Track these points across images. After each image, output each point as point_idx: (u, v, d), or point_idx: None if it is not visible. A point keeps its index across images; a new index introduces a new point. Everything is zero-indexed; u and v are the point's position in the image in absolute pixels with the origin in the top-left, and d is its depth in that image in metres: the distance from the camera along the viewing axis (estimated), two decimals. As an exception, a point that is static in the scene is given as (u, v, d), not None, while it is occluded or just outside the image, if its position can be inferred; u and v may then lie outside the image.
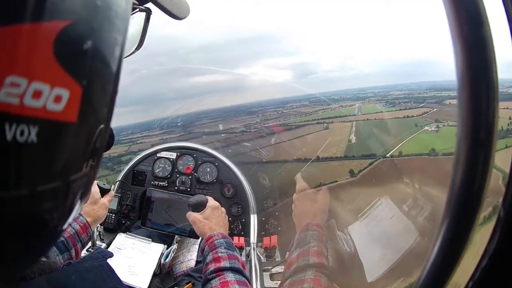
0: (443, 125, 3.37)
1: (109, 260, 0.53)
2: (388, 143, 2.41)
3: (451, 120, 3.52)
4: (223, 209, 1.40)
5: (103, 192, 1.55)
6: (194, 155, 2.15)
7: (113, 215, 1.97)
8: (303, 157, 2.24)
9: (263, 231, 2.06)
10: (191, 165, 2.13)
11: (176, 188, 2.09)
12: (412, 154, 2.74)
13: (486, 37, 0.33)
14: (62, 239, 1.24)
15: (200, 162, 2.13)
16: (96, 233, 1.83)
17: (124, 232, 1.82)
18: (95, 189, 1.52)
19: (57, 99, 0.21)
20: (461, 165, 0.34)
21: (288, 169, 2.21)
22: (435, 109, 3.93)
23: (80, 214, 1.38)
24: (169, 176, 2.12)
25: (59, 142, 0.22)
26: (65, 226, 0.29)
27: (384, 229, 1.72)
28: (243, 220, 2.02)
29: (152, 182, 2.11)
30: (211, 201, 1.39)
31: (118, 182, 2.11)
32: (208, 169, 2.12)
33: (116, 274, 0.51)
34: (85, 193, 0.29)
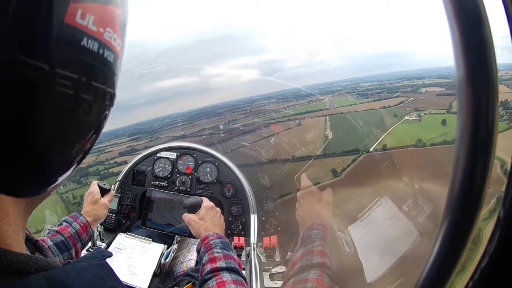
0: (424, 114, 3.37)
1: (109, 260, 0.54)
2: (369, 136, 2.35)
3: (432, 108, 3.55)
4: (218, 209, 1.41)
5: (103, 192, 1.55)
6: (194, 155, 2.15)
7: (113, 215, 1.98)
8: (300, 156, 2.23)
9: (263, 231, 2.06)
10: (191, 165, 2.13)
11: (176, 188, 2.10)
12: (398, 146, 2.68)
13: (486, 38, 0.33)
14: (63, 238, 1.24)
15: (200, 162, 2.13)
16: (96, 233, 1.83)
17: (124, 232, 1.82)
18: (95, 189, 1.53)
19: (119, 44, 0.40)
20: (461, 165, 0.34)
21: (288, 168, 2.20)
22: (411, 98, 3.92)
23: (80, 214, 1.39)
24: (169, 176, 2.12)
25: (116, 66, 0.41)
26: (59, 178, 0.41)
27: (384, 230, 1.71)
28: (243, 220, 2.02)
29: (152, 182, 2.11)
30: (206, 202, 1.40)
31: (118, 182, 2.11)
32: (208, 169, 2.12)
33: (115, 273, 0.51)
34: (83, 156, 0.43)
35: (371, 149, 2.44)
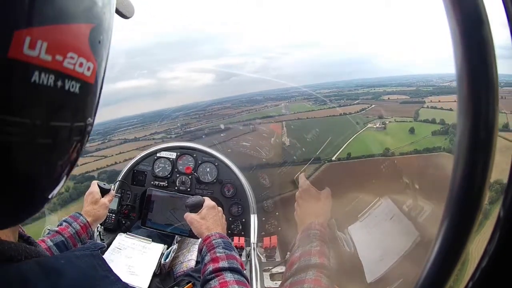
0: (389, 121, 3.33)
1: (109, 260, 0.54)
2: (330, 143, 2.30)
3: (397, 115, 3.55)
4: (219, 208, 1.41)
5: (103, 192, 1.56)
6: (194, 155, 2.15)
7: (113, 215, 1.98)
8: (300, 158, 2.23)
9: (263, 231, 2.06)
10: (191, 165, 2.13)
11: (176, 188, 2.10)
12: (364, 155, 2.67)
13: (486, 37, 0.33)
14: (63, 239, 1.25)
15: (200, 162, 2.13)
16: (96, 233, 1.84)
17: (124, 232, 1.82)
18: (95, 189, 1.53)
19: (88, 69, 0.35)
20: (461, 165, 0.34)
21: (288, 168, 2.20)
22: (373, 105, 3.92)
23: (80, 214, 1.39)
24: (169, 176, 2.12)
25: (87, 95, 0.36)
26: (51, 194, 0.39)
27: (385, 230, 1.71)
28: (243, 220, 2.02)
29: (152, 182, 2.12)
30: (208, 201, 1.40)
31: (118, 182, 2.11)
32: (208, 169, 2.12)
33: (107, 264, 0.52)
34: (73, 165, 0.41)
35: (333, 158, 2.39)
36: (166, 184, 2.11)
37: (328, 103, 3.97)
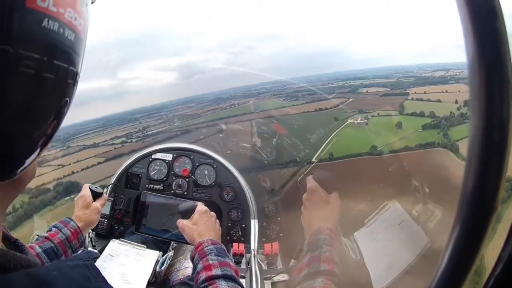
0: (372, 116, 3.26)
1: (101, 268, 0.54)
2: (308, 143, 2.30)
3: (379, 109, 3.46)
4: (212, 213, 1.42)
5: (96, 195, 1.55)
6: (191, 157, 2.15)
7: (106, 220, 1.97)
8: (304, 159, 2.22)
9: (264, 237, 2.06)
10: (188, 167, 2.13)
11: (172, 191, 2.10)
12: (348, 155, 2.61)
13: (500, 32, 0.32)
14: (52, 245, 1.24)
15: (197, 164, 2.13)
16: (87, 239, 1.84)
17: (117, 238, 1.82)
18: (86, 192, 1.53)
19: (80, 24, 0.44)
20: (474, 166, 0.34)
21: (290, 171, 2.19)
22: (351, 99, 3.86)
23: (70, 219, 1.39)
24: (164, 179, 2.12)
25: (79, 45, 0.45)
26: (27, 161, 0.44)
27: (393, 236, 1.70)
28: (243, 225, 2.02)
29: (146, 185, 2.11)
30: (200, 206, 1.41)
31: (110, 185, 2.11)
32: (206, 172, 2.12)
33: (101, 274, 0.51)
34: (46, 141, 0.46)
35: (313, 159, 2.37)
36: (162, 188, 2.11)
37: (300, 99, 3.97)
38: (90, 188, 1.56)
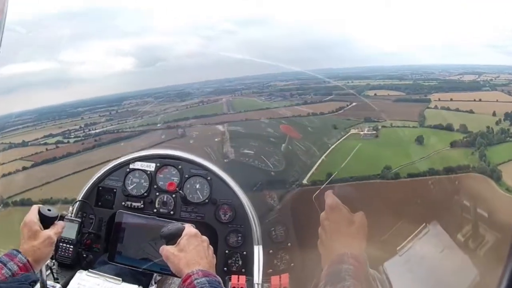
0: (382, 126, 3.15)
1: None
2: (298, 158, 2.28)
3: (392, 118, 3.26)
4: (204, 237, 1.38)
5: (47, 221, 1.47)
6: (179, 167, 2.13)
7: (71, 246, 1.92)
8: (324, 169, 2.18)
9: (270, 268, 2.03)
10: (175, 180, 2.11)
11: (155, 210, 2.07)
12: (354, 177, 2.40)
13: None
14: None
15: (187, 175, 2.11)
16: (46, 272, 1.78)
17: (85, 269, 1.78)
18: (33, 217, 1.44)
19: None
20: None
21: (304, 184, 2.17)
22: (354, 103, 3.74)
23: (18, 251, 1.33)
24: (145, 194, 2.10)
25: None
26: None
27: (432, 266, 1.68)
28: (244, 253, 1.99)
29: (123, 203, 2.09)
30: (188, 228, 1.37)
31: (77, 202, 2.08)
32: (197, 185, 2.10)
33: None
34: None
35: (305, 181, 2.34)
36: (142, 206, 2.08)
37: (288, 99, 3.82)
38: (40, 211, 1.48)
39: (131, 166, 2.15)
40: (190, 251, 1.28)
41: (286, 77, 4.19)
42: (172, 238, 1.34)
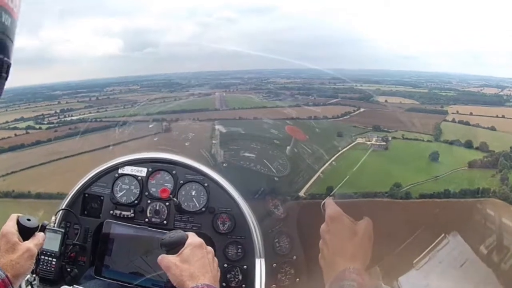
0: (393, 137, 3.04)
1: None
2: (296, 166, 2.23)
3: (405, 128, 3.16)
4: (209, 248, 1.40)
5: (27, 231, 1.47)
6: (173, 172, 2.13)
7: (54, 260, 1.91)
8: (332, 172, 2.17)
9: (273, 283, 2.04)
10: (168, 187, 2.11)
11: (146, 220, 2.07)
12: (358, 193, 2.26)
13: None
14: None
15: (182, 181, 2.11)
16: (26, 288, 1.79)
17: (70, 285, 1.78)
18: (10, 228, 1.44)
19: (16, 5, 0.49)
20: None
21: (312, 191, 2.17)
22: (362, 109, 3.74)
23: None
24: (136, 202, 2.10)
25: (13, 30, 0.49)
26: None
27: (453, 280, 1.68)
28: (245, 267, 1.99)
29: (111, 212, 2.09)
30: (192, 238, 1.39)
31: (61, 211, 2.07)
32: (193, 192, 2.10)
33: None
34: None
35: (301, 194, 2.33)
36: (132, 215, 2.08)
37: (288, 99, 3.78)
38: (18, 221, 1.47)
39: (120, 171, 2.15)
40: (194, 263, 1.30)
41: (288, 74, 4.17)
42: (174, 247, 1.35)
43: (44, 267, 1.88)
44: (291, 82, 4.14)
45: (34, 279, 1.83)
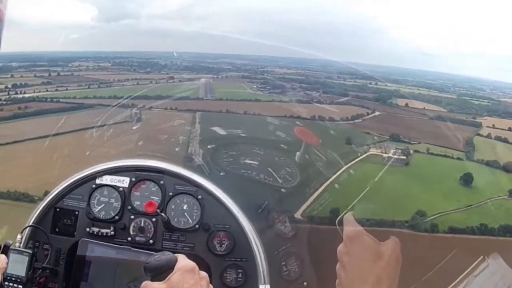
0: (415, 151, 2.92)
1: None
2: (292, 179, 2.23)
3: (429, 140, 3.02)
4: (203, 273, 1.40)
5: None
6: (161, 182, 2.15)
7: (20, 286, 1.90)
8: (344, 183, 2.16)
9: None
10: (155, 200, 2.13)
11: (129, 239, 2.09)
12: (371, 220, 2.01)
13: None
14: None
15: (171, 193, 2.13)
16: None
17: None
18: None
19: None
20: None
21: (325, 203, 2.17)
22: (377, 112, 3.62)
23: None
24: (117, 218, 2.11)
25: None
26: None
27: None
28: None
29: (87, 229, 2.09)
30: (182, 261, 1.38)
31: (27, 228, 2.08)
32: (185, 206, 2.12)
33: None
34: None
35: (297, 214, 2.33)
36: (113, 233, 2.09)
37: (289, 92, 3.70)
38: None
39: (97, 181, 2.17)
40: None
41: (288, 63, 4.10)
42: (160, 272, 1.33)
43: None
44: (291, 73, 4.00)
45: (-3, 308, 1.86)
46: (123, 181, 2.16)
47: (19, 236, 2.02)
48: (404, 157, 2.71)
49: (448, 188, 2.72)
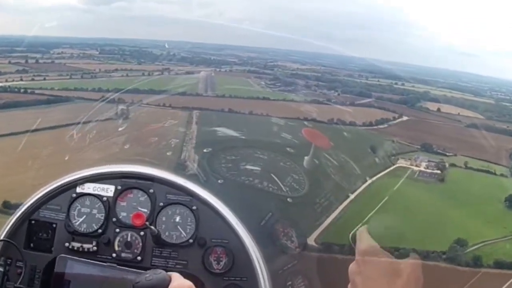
0: (451, 164, 2.80)
1: None
2: (303, 194, 2.20)
3: (466, 152, 2.96)
4: None
5: None
6: (151, 191, 2.19)
7: (-10, 308, 1.96)
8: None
9: None
10: (144, 211, 2.15)
11: (114, 255, 2.11)
12: (400, 249, 1.82)
13: None
14: None
15: (161, 203, 2.16)
16: None
17: None
18: None
19: None
20: None
21: (337, 215, 2.18)
22: (405, 117, 3.56)
23: None
24: (100, 231, 2.14)
25: None
26: None
27: None
28: None
29: (66, 244, 2.12)
30: (177, 280, 1.42)
31: None
32: (177, 218, 2.15)
33: None
34: None
35: (309, 240, 2.28)
36: (95, 248, 2.12)
37: (300, 91, 3.62)
38: None
39: (78, 189, 2.19)
40: None
41: (302, 58, 4.03)
42: None
43: None
44: (306, 69, 3.98)
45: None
46: (107, 190, 2.18)
47: (-10, 252, 2.06)
48: (439, 172, 2.66)
49: (492, 211, 2.64)
